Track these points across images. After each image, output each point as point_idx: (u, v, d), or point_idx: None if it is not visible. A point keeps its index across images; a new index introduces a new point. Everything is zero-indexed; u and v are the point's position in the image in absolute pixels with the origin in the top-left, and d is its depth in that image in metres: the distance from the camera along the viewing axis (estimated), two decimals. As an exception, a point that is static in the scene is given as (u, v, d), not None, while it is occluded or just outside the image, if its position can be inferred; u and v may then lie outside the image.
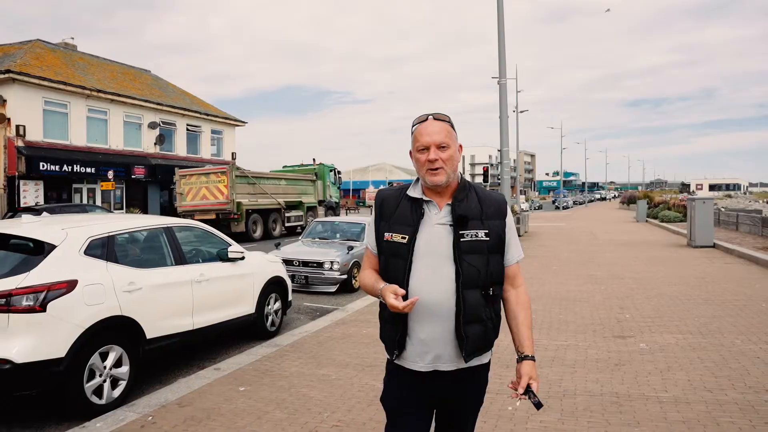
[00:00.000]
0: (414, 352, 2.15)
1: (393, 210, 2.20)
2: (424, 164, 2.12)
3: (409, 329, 2.14)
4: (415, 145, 2.17)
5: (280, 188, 23.29)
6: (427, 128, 2.14)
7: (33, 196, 23.18)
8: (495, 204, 2.19)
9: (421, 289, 2.08)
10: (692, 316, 7.08)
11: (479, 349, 2.14)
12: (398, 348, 2.17)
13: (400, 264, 2.12)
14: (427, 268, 2.10)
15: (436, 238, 2.11)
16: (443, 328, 2.10)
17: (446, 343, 2.11)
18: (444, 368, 2.14)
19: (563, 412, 4.11)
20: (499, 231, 2.16)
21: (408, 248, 2.11)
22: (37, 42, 27.11)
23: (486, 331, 2.14)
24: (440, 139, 2.11)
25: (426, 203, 2.17)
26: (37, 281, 4.20)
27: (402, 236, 2.13)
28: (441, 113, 2.19)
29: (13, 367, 4.01)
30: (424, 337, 2.12)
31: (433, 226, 2.13)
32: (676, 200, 31.36)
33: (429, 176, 2.12)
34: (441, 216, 2.14)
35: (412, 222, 2.14)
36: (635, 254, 14.27)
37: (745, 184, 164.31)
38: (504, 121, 14.24)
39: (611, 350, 5.68)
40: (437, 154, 2.10)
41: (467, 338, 2.09)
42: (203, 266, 5.91)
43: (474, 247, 2.10)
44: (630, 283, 9.69)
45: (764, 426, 3.76)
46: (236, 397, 4.64)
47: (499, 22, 14.78)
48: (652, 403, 4.24)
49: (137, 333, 4.95)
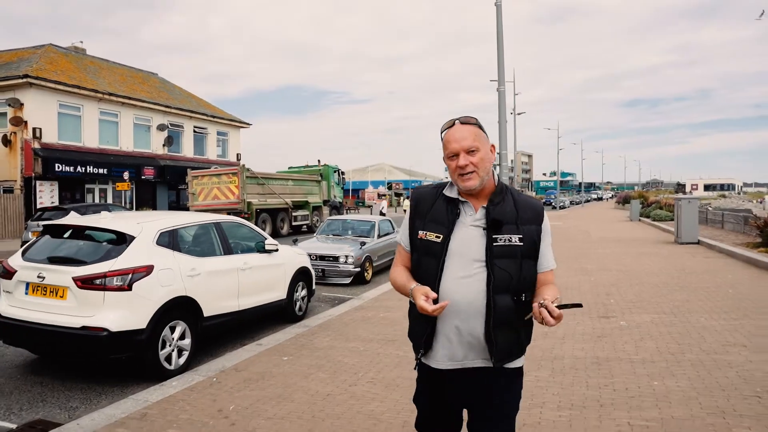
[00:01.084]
0: (441, 353, 2.15)
1: (428, 208, 2.20)
2: (456, 170, 2.12)
3: (437, 329, 2.14)
4: (445, 152, 2.17)
5: (287, 188, 24.24)
6: (455, 134, 2.13)
7: (48, 196, 24.08)
8: (532, 209, 2.17)
9: (452, 289, 2.08)
10: (668, 300, 8.07)
11: (510, 354, 2.13)
12: (425, 347, 2.17)
13: (433, 263, 2.12)
14: (459, 269, 2.09)
15: (470, 240, 2.10)
16: (472, 331, 2.09)
17: (475, 346, 2.11)
18: (471, 365, 2.14)
19: (554, 370, 5.08)
20: (534, 236, 2.13)
21: (442, 248, 2.11)
22: (49, 47, 28.03)
23: (518, 336, 2.14)
24: (468, 144, 2.10)
25: (462, 204, 2.17)
26: (124, 265, 5.16)
27: (437, 235, 2.13)
28: (468, 116, 2.17)
29: (109, 335, 4.96)
30: (453, 338, 2.12)
31: (467, 228, 2.12)
32: (668, 200, 32.38)
33: (461, 182, 2.11)
34: (476, 218, 2.13)
35: (447, 222, 2.14)
36: (625, 250, 15.28)
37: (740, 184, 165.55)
38: (503, 126, 15.23)
39: (596, 327, 6.65)
40: (467, 159, 2.09)
41: (497, 343, 2.08)
42: (245, 256, 6.86)
43: (507, 252, 2.08)
44: (617, 274, 10.68)
45: (708, 374, 4.77)
46: (282, 364, 5.59)
47: (498, 31, 15.74)
48: (625, 363, 5.22)
49: (197, 311, 5.91)
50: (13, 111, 23.47)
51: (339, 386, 4.88)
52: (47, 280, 5.13)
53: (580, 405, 4.25)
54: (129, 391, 5.11)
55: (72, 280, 5.02)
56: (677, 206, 17.23)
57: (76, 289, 5.01)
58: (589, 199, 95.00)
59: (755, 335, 6.00)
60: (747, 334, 6.04)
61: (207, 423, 4.12)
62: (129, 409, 4.39)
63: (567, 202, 70.96)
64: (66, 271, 5.11)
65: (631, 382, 4.69)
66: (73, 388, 5.25)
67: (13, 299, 5.33)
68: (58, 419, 4.47)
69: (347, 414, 4.24)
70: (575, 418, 4.01)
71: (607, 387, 4.62)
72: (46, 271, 5.18)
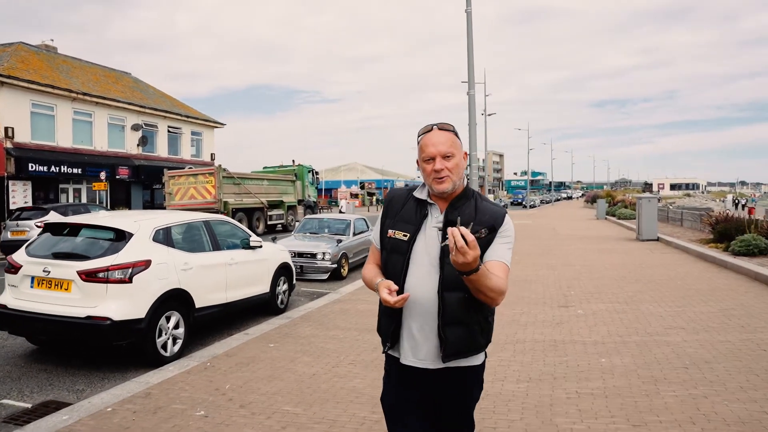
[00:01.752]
0: (407, 347, 2.23)
1: (399, 209, 2.30)
2: (431, 174, 2.18)
3: (402, 324, 2.23)
4: (421, 156, 2.22)
5: (263, 188, 24.59)
6: (432, 139, 2.19)
7: (21, 196, 23.99)
8: (491, 214, 2.22)
9: (414, 286, 2.17)
10: (623, 291, 8.79)
11: (461, 351, 2.18)
12: (391, 340, 2.27)
13: (399, 261, 2.22)
14: (421, 267, 2.18)
15: (432, 240, 2.19)
16: (429, 327, 2.18)
17: (430, 342, 2.18)
18: (430, 366, 2.20)
19: (515, 351, 5.69)
20: (488, 241, 2.17)
21: (408, 246, 2.21)
22: (20, 45, 27.80)
23: (470, 334, 2.18)
24: (445, 150, 2.16)
25: (430, 206, 2.25)
26: (125, 260, 5.62)
27: (404, 234, 2.23)
28: (445, 123, 2.25)
29: (112, 323, 5.42)
30: (415, 333, 2.20)
31: (431, 229, 2.20)
32: (632, 199, 33.59)
33: (435, 184, 2.18)
34: (438, 220, 2.21)
35: (415, 221, 2.23)
36: (589, 247, 16.09)
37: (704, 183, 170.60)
38: (473, 128, 15.89)
39: (555, 315, 7.31)
40: (443, 164, 2.16)
41: (447, 339, 2.14)
42: (232, 252, 7.33)
43: None
44: (579, 269, 11.41)
45: (648, 352, 5.45)
46: (269, 350, 6.10)
47: (468, 37, 16.39)
48: (579, 344, 5.87)
49: (189, 303, 6.37)
50: (-16, 110, 23.32)
51: (323, 368, 5.41)
52: (52, 274, 5.55)
53: (536, 378, 4.86)
54: (129, 375, 5.55)
55: (76, 274, 5.45)
56: (638, 205, 18.13)
57: (81, 282, 5.45)
58: (559, 198, 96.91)
59: (693, 320, 6.72)
60: (687, 319, 6.76)
61: (206, 399, 4.61)
62: (133, 390, 4.85)
63: (537, 201, 72.40)
64: (70, 266, 5.54)
65: (582, 360, 5.33)
66: (76, 373, 5.68)
67: (19, 292, 5.73)
68: (68, 400, 4.92)
69: (332, 390, 4.78)
70: (531, 388, 4.62)
71: (561, 364, 5.24)
72: (51, 265, 5.60)
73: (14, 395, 5.06)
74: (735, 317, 6.79)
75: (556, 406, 4.23)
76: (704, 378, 4.69)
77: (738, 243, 11.76)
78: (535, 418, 4.02)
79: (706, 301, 7.85)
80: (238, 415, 4.27)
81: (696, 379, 4.66)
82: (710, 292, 8.46)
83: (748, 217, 14.54)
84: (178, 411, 4.36)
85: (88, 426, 4.08)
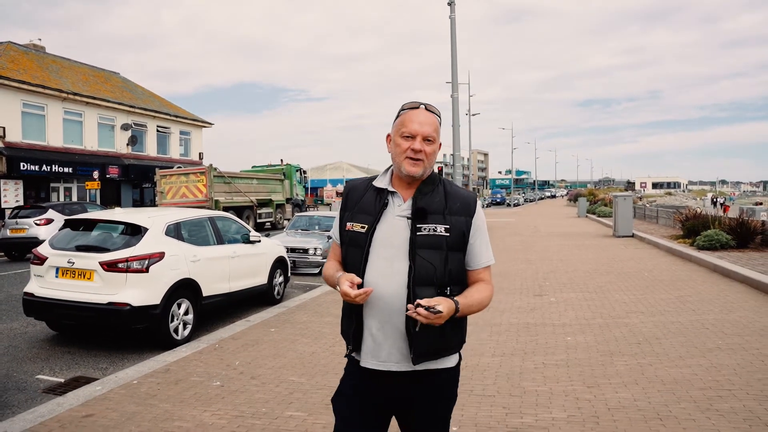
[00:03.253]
0: (368, 349, 2.05)
1: (358, 200, 2.14)
2: (406, 151, 2.03)
3: (364, 323, 2.05)
4: (400, 130, 2.06)
5: (252, 187, 25.15)
6: (419, 117, 2.04)
7: (13, 195, 24.31)
8: (462, 200, 2.10)
9: (376, 281, 2.00)
10: (594, 282, 9.56)
11: (432, 352, 2.02)
12: (353, 342, 2.09)
13: (358, 254, 2.06)
14: (383, 261, 2.02)
15: (395, 230, 2.03)
16: (391, 325, 2.01)
17: (397, 341, 2.01)
18: (395, 368, 2.02)
19: (491, 332, 6.40)
20: (462, 228, 2.06)
21: (366, 238, 2.05)
22: (8, 44, 28.05)
23: (441, 332, 1.99)
24: (429, 131, 2.03)
25: (391, 194, 2.10)
26: (142, 252, 6.23)
27: (362, 225, 2.07)
28: (433, 105, 2.10)
29: (131, 308, 6.04)
30: (376, 332, 2.03)
31: (394, 218, 2.05)
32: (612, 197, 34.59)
33: (408, 165, 2.03)
34: (403, 208, 2.06)
35: (373, 212, 2.08)
36: (567, 243, 16.91)
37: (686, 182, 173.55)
38: (456, 129, 16.62)
39: (530, 302, 8.03)
40: (422, 146, 2.02)
41: (417, 338, 1.97)
42: (234, 246, 7.96)
43: (431, 242, 2.00)
44: (556, 263, 12.18)
45: (608, 332, 6.20)
46: (271, 334, 6.74)
47: (452, 41, 17.11)
48: (549, 326, 6.60)
49: (197, 291, 7.00)
50: (-24, 110, 23.62)
51: (321, 347, 6.07)
52: (76, 264, 6.16)
53: (509, 354, 5.57)
54: (146, 356, 6.16)
55: (99, 264, 6.07)
56: (615, 203, 18.99)
57: (102, 272, 6.06)
58: (543, 197, 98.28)
59: (652, 305, 7.49)
60: (647, 305, 7.53)
61: (220, 373, 5.26)
62: (153, 367, 5.48)
63: (521, 199, 73.48)
64: (93, 257, 6.15)
65: (550, 339, 6.05)
66: (98, 354, 6.29)
67: (44, 282, 6.33)
68: (95, 375, 5.54)
69: (331, 364, 5.44)
70: (504, 361, 5.32)
71: (531, 342, 5.96)
72: (75, 257, 6.20)
73: (46, 372, 5.67)
74: (689, 303, 7.57)
75: (524, 374, 4.94)
76: (652, 351, 5.43)
77: (702, 238, 12.60)
78: (506, 382, 4.72)
79: (667, 289, 8.63)
80: (250, 384, 4.91)
81: (645, 352, 5.40)
82: (672, 282, 9.25)
83: (713, 215, 15.43)
84: (197, 382, 4.99)
85: (119, 395, 4.71)
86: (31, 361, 6.04)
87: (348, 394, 2.14)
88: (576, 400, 4.26)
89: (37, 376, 5.55)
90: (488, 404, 4.25)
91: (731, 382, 4.50)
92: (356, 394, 2.12)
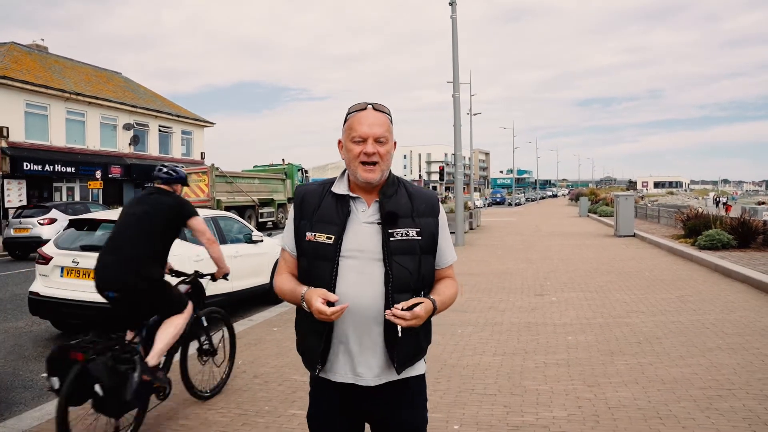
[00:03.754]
0: (339, 364, 1.96)
1: (315, 207, 2.01)
2: (358, 156, 1.94)
3: (333, 338, 1.95)
4: (349, 135, 1.97)
5: (254, 187, 25.23)
6: (368, 118, 1.95)
7: (17, 195, 24.41)
8: (427, 200, 2.04)
9: (348, 293, 1.90)
10: (594, 281, 9.59)
11: (411, 357, 1.99)
12: (321, 361, 1.97)
13: (327, 267, 1.92)
14: (353, 271, 1.92)
15: (365, 238, 1.94)
16: (372, 336, 1.94)
17: (375, 352, 1.94)
18: (374, 382, 1.96)
19: (493, 332, 6.44)
20: (432, 229, 2.01)
21: (335, 249, 1.92)
22: (12, 45, 28.16)
23: (417, 338, 1.99)
24: (380, 132, 1.94)
25: (353, 200, 1.99)
26: (146, 252, 6.26)
27: (327, 236, 1.94)
28: (381, 104, 2.02)
29: (135, 308, 6.07)
30: (352, 346, 1.94)
31: (361, 225, 1.96)
32: (613, 197, 34.59)
33: (362, 172, 1.94)
34: (369, 214, 1.97)
35: (338, 220, 1.95)
36: (568, 242, 16.93)
37: (687, 181, 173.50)
38: (457, 129, 16.64)
39: (531, 302, 8.07)
40: (375, 148, 1.93)
41: (399, 346, 1.92)
42: (237, 246, 8.01)
43: (405, 247, 1.93)
44: (556, 263, 12.21)
45: (609, 331, 6.23)
46: (273, 333, 6.78)
47: (453, 41, 17.14)
48: (549, 326, 6.63)
49: (201, 291, 7.02)
50: (-21, 110, 23.71)
51: (324, 346, 6.11)
52: (81, 264, 6.21)
53: (510, 353, 5.60)
54: (149, 355, 6.21)
55: (103, 264, 6.10)
56: (616, 203, 19.01)
57: (107, 271, 6.10)
58: (545, 196, 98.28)
59: (653, 305, 7.52)
60: (648, 304, 7.56)
61: (224, 372, 5.29)
62: (157, 365, 5.52)
63: (523, 199, 73.56)
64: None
65: (551, 338, 6.09)
66: (101, 353, 6.33)
67: (50, 281, 6.38)
68: (99, 374, 5.57)
69: (333, 363, 5.48)
70: (506, 360, 5.36)
71: (532, 341, 6.00)
72: (79, 257, 6.25)
73: (51, 371, 5.71)
74: (690, 302, 7.60)
75: (525, 373, 4.97)
76: (653, 350, 5.47)
77: (704, 238, 12.62)
78: (507, 381, 4.76)
79: (668, 289, 8.66)
80: (253, 383, 4.96)
81: (646, 351, 5.43)
82: (673, 282, 9.28)
83: (715, 215, 15.44)
84: (201, 381, 5.03)
85: (124, 393, 4.75)
86: (36, 360, 6.09)
87: (322, 414, 2.07)
88: (576, 399, 4.29)
89: (42, 374, 5.58)
90: (489, 403, 4.28)
91: (731, 382, 4.53)
92: (331, 413, 2.04)
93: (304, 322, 2.02)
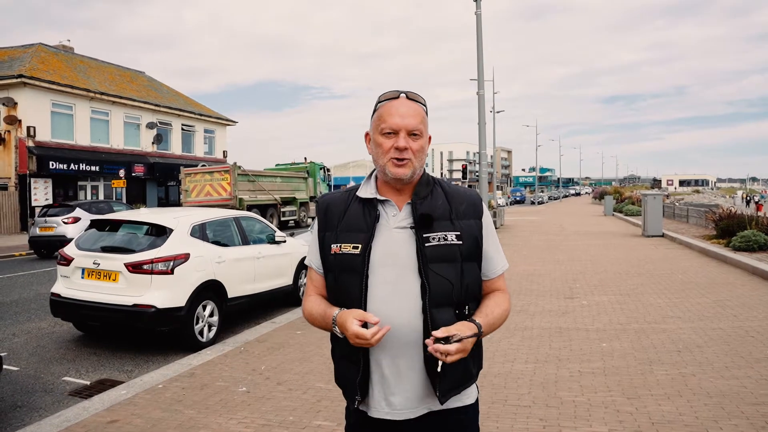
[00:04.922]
0: (378, 395, 1.72)
1: (340, 216, 1.79)
2: (389, 151, 1.71)
3: (371, 365, 1.71)
4: (379, 126, 1.75)
5: (276, 185, 25.21)
6: (399, 108, 1.73)
7: (43, 193, 24.71)
8: (467, 200, 1.80)
9: (380, 310, 1.67)
10: (626, 284, 9.28)
11: (457, 385, 1.72)
12: (360, 392, 1.73)
13: (354, 281, 1.70)
14: (386, 284, 1.69)
15: (397, 246, 1.71)
16: (409, 360, 1.69)
17: (412, 379, 1.70)
18: (412, 414, 1.72)
19: (524, 337, 6.20)
20: (474, 233, 1.76)
21: (363, 260, 1.70)
22: (39, 46, 28.54)
23: (466, 361, 1.68)
24: (414, 124, 1.72)
25: (381, 203, 1.77)
26: (167, 253, 6.16)
27: (353, 246, 1.72)
28: (415, 93, 1.78)
29: (156, 311, 5.97)
30: (388, 373, 1.70)
31: (391, 231, 1.73)
32: (639, 196, 33.91)
33: (392, 167, 1.72)
34: (401, 218, 1.75)
35: (365, 228, 1.73)
36: (594, 242, 16.55)
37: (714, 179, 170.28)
38: (482, 127, 16.37)
39: (561, 305, 7.80)
40: (407, 143, 1.71)
41: (441, 371, 1.65)
42: (259, 247, 7.88)
43: (443, 254, 1.70)
44: (585, 264, 11.89)
45: (645, 338, 5.94)
46: (297, 336, 6.63)
47: (478, 38, 16.86)
48: (582, 331, 6.37)
49: (223, 293, 6.91)
50: (7, 110, 24.05)
51: (348, 351, 5.93)
52: (102, 266, 6.12)
53: (543, 360, 5.37)
54: (170, 359, 6.10)
55: (124, 266, 6.01)
56: (644, 201, 18.54)
57: (128, 273, 6.01)
58: (568, 195, 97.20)
59: (690, 310, 7.20)
60: (684, 309, 7.25)
61: (246, 378, 5.15)
62: (178, 370, 5.40)
63: (545, 197, 72.67)
64: (118, 258, 6.10)
65: (584, 345, 5.83)
66: (123, 357, 6.25)
67: (70, 282, 6.30)
68: (120, 378, 5.48)
69: (358, 369, 5.30)
70: (538, 368, 5.12)
71: (565, 348, 5.75)
72: (100, 258, 6.16)
73: (72, 374, 5.64)
74: (729, 308, 7.27)
75: (560, 382, 4.74)
76: (694, 359, 5.18)
77: (738, 239, 12.19)
78: (542, 392, 4.53)
79: (704, 293, 8.32)
80: (276, 390, 4.80)
81: (687, 361, 5.15)
82: (708, 285, 8.92)
83: (749, 214, 14.94)
84: (223, 387, 4.90)
85: (145, 399, 4.63)
86: (57, 362, 6.02)
87: None
88: (617, 413, 4.05)
89: (63, 378, 5.52)
90: (524, 415, 4.07)
91: (782, 396, 4.26)
92: None
93: (338, 348, 1.81)
